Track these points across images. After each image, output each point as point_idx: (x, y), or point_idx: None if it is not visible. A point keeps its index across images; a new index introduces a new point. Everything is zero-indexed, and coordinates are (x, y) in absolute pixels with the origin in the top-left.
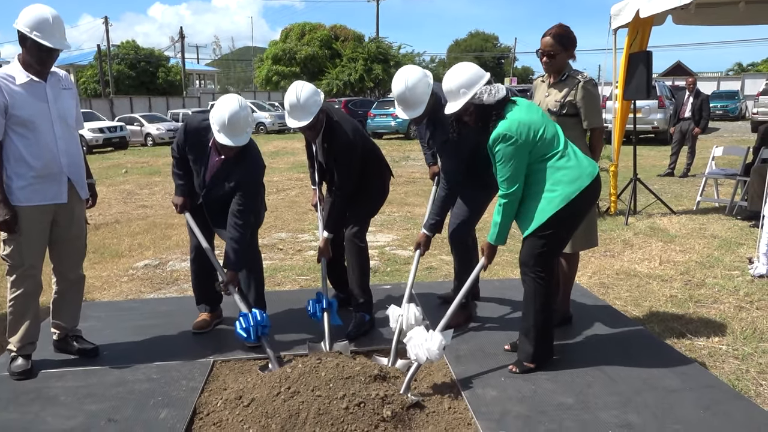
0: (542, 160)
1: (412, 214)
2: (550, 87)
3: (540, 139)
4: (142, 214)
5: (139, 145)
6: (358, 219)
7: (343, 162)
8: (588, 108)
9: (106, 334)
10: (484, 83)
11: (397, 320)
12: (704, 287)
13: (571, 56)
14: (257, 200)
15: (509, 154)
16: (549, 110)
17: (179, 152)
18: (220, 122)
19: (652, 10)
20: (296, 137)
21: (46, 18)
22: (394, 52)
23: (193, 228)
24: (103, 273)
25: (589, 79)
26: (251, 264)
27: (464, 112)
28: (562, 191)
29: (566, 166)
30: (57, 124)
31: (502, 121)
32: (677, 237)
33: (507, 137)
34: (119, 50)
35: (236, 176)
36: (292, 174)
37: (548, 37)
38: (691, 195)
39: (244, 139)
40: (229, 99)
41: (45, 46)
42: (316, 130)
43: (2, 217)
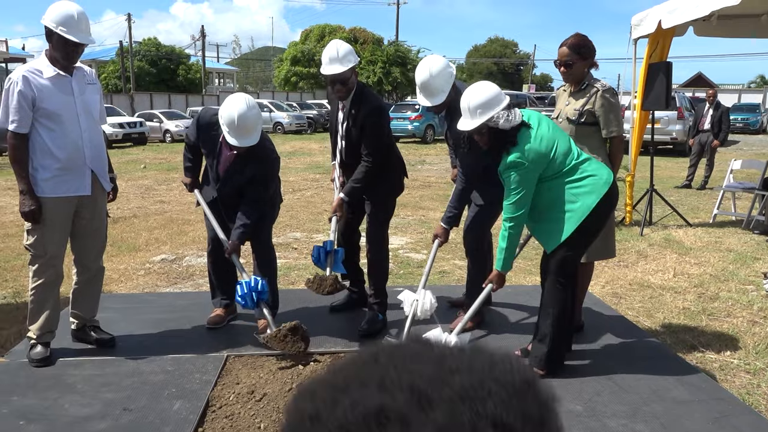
0: (557, 176)
1: (426, 218)
2: (570, 96)
3: (552, 159)
4: (160, 209)
5: (158, 141)
6: (381, 220)
7: (374, 125)
8: (607, 116)
9: (123, 326)
10: (503, 108)
11: (411, 304)
12: (718, 300)
13: (590, 65)
14: (271, 191)
15: (520, 181)
16: (568, 119)
17: (192, 141)
18: (229, 122)
19: (673, 21)
20: (313, 138)
21: (71, 14)
22: (413, 56)
23: (202, 204)
24: (120, 266)
25: (608, 88)
26: (265, 261)
27: (477, 132)
28: (582, 203)
29: (582, 177)
30: (82, 116)
31: (514, 149)
32: (692, 249)
33: (519, 164)
34: (141, 47)
35: (250, 170)
36: (308, 174)
37: (565, 47)
38: (708, 208)
39: (254, 139)
40: (236, 99)
41: (71, 41)
42: (348, 88)
43: (28, 207)
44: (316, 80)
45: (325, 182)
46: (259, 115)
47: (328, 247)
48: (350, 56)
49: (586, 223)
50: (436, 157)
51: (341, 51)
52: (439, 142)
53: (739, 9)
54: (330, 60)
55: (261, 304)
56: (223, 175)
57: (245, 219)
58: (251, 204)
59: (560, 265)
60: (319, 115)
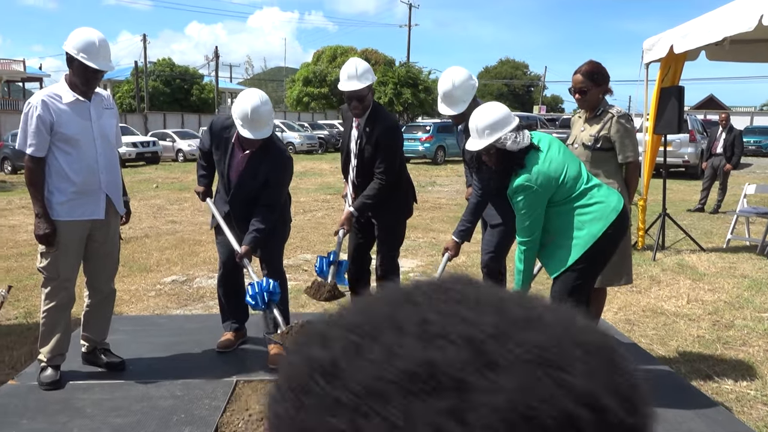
0: (565, 201)
1: (437, 240)
2: (586, 122)
3: (561, 184)
4: (171, 229)
5: (171, 160)
6: (391, 246)
7: (388, 142)
8: (622, 142)
9: (133, 349)
10: (511, 129)
11: None
12: (733, 328)
13: (604, 91)
14: (284, 196)
15: (529, 205)
16: (584, 144)
17: (205, 148)
18: (242, 116)
19: (686, 46)
20: (324, 158)
21: (92, 41)
22: (424, 77)
23: (214, 212)
24: (131, 287)
25: (623, 114)
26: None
27: (485, 152)
28: (588, 230)
29: (590, 203)
30: (98, 141)
31: (522, 172)
32: (706, 275)
33: (527, 188)
34: (155, 67)
35: (264, 171)
36: (318, 195)
37: (579, 74)
38: (721, 232)
39: (266, 132)
40: (250, 93)
41: (91, 68)
42: (364, 105)
43: (42, 230)
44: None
45: (335, 203)
46: (272, 111)
47: (332, 257)
48: (368, 74)
49: (592, 251)
50: (447, 179)
51: (360, 68)
52: (450, 163)
53: (753, 34)
54: (348, 77)
55: (271, 304)
56: (236, 180)
57: (259, 224)
58: (265, 209)
59: (571, 294)
60: (330, 135)
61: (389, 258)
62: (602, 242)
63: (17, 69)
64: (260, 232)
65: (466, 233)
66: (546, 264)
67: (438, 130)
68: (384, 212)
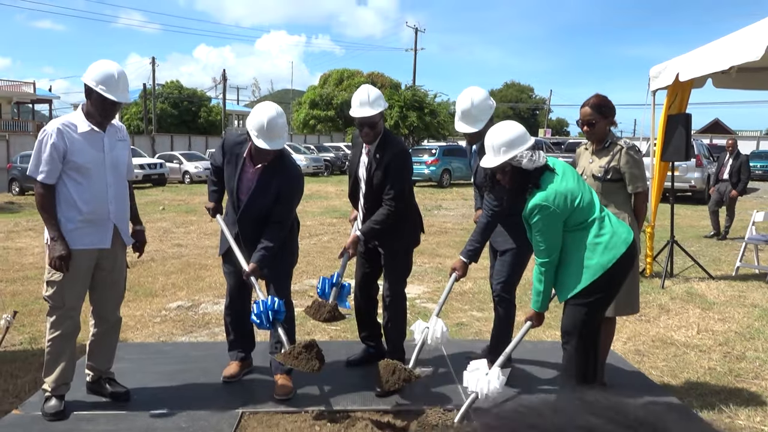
0: (578, 228)
1: (443, 265)
2: (594, 154)
3: (576, 208)
4: (177, 253)
5: (177, 182)
6: (398, 276)
7: (398, 168)
8: (632, 173)
9: (138, 377)
10: (527, 148)
11: (422, 332)
12: (744, 360)
13: (611, 123)
14: (293, 214)
15: (546, 226)
16: (594, 176)
17: (217, 163)
18: (258, 126)
19: (692, 74)
20: (330, 181)
21: (111, 74)
22: (430, 100)
23: (223, 228)
24: (136, 312)
25: (631, 145)
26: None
27: (500, 170)
28: (598, 260)
29: (602, 233)
30: (109, 172)
31: (538, 191)
32: (716, 304)
33: (544, 208)
34: (164, 89)
35: (276, 185)
36: (324, 219)
37: (587, 107)
38: (730, 259)
39: (281, 143)
40: (266, 105)
41: (109, 100)
42: (375, 132)
43: (59, 252)
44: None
45: (341, 227)
46: (286, 124)
47: (334, 279)
48: (380, 101)
49: (600, 282)
50: (453, 202)
51: (372, 95)
52: (456, 186)
53: (760, 62)
54: (360, 103)
55: (276, 323)
56: (247, 197)
57: (267, 242)
58: (274, 227)
59: (581, 327)
60: (336, 157)
61: (396, 288)
62: (611, 273)
63: (27, 91)
64: (268, 250)
65: (475, 253)
66: (556, 288)
67: (444, 154)
68: (390, 241)
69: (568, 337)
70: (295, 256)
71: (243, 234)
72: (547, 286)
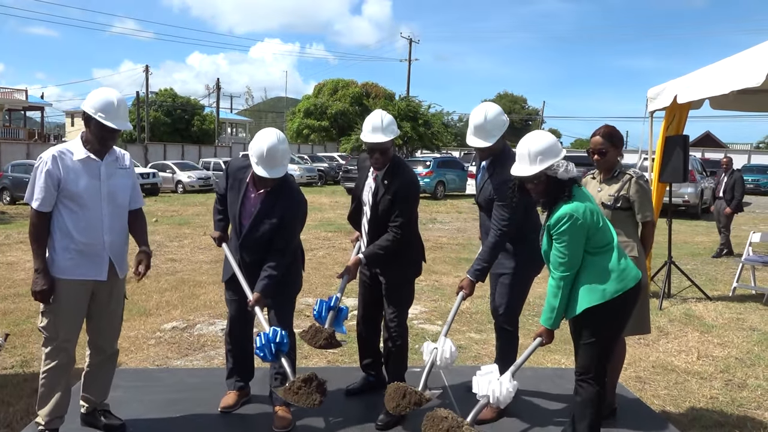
0: (596, 252)
1: (440, 283)
2: (602, 183)
3: (601, 228)
4: (171, 268)
5: (170, 191)
6: (400, 306)
7: (406, 197)
8: (641, 202)
9: (133, 407)
10: (562, 158)
11: (431, 353)
12: (746, 389)
13: (619, 153)
14: (297, 237)
15: (571, 236)
16: (603, 204)
17: (221, 191)
18: (258, 154)
19: (690, 97)
20: (324, 191)
21: (111, 101)
22: (424, 111)
23: (229, 257)
24: (131, 333)
25: (641, 175)
26: None
27: (533, 179)
28: (609, 287)
29: (615, 262)
30: (105, 201)
31: (568, 203)
32: (714, 327)
33: (573, 218)
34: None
35: (278, 211)
36: (319, 232)
37: (598, 136)
38: (726, 279)
39: (281, 171)
40: (267, 132)
41: (107, 127)
42: (387, 157)
43: (40, 287)
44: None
45: (336, 241)
46: (288, 151)
47: (332, 302)
48: (393, 127)
49: (606, 310)
50: (447, 215)
51: (385, 121)
52: (450, 198)
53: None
54: (373, 129)
55: (280, 355)
56: (249, 222)
57: (271, 270)
58: (277, 254)
59: (597, 366)
60: (330, 168)
61: (398, 318)
62: (618, 304)
63: (19, 98)
64: (272, 279)
65: (482, 273)
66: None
67: (438, 165)
68: (392, 270)
69: (584, 376)
70: (299, 284)
71: (245, 259)
72: (562, 303)
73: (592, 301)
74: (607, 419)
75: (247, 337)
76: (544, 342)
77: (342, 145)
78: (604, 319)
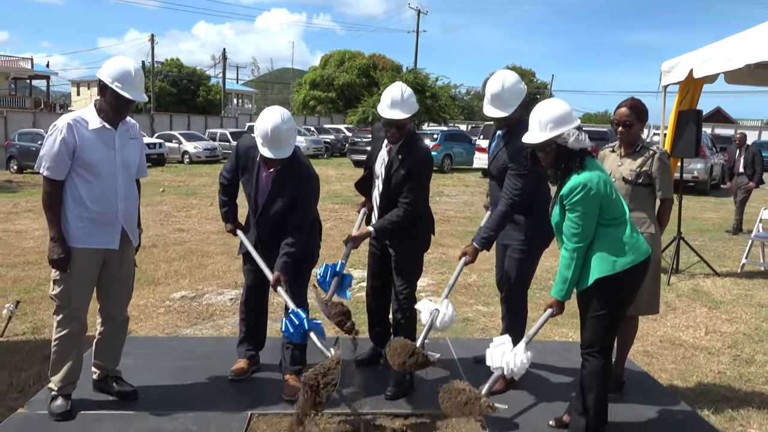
0: (608, 224)
1: (447, 256)
2: (623, 157)
3: (614, 200)
4: (179, 238)
5: (176, 162)
6: (409, 279)
7: (420, 172)
8: (663, 179)
9: (144, 375)
10: (574, 127)
11: (431, 314)
12: (753, 365)
13: (643, 127)
14: (312, 212)
15: (585, 206)
16: (624, 179)
17: (229, 178)
18: (263, 134)
19: (705, 71)
20: (330, 163)
21: (128, 71)
22: (431, 83)
23: (245, 242)
24: (140, 302)
25: (663, 151)
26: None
27: (544, 147)
28: (620, 258)
29: (627, 234)
30: (120, 171)
31: (580, 173)
32: (722, 303)
33: (587, 188)
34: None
35: (290, 189)
36: (326, 204)
37: (624, 107)
38: (735, 255)
39: (286, 152)
40: (271, 112)
41: (123, 97)
42: (403, 132)
43: (57, 255)
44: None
45: (343, 213)
46: (294, 129)
47: (337, 267)
48: (413, 101)
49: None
50: (454, 188)
51: (406, 94)
52: (457, 171)
53: None
54: (392, 103)
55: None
56: (264, 201)
57: (288, 248)
58: (293, 231)
59: (604, 339)
60: (336, 140)
61: (407, 290)
62: (627, 277)
63: (25, 66)
64: (290, 256)
65: (488, 242)
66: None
67: (445, 139)
68: (402, 243)
69: (591, 349)
70: (315, 260)
71: (262, 237)
72: (575, 274)
73: (603, 272)
74: (615, 393)
75: (263, 307)
76: (554, 313)
77: (348, 117)
78: (613, 291)
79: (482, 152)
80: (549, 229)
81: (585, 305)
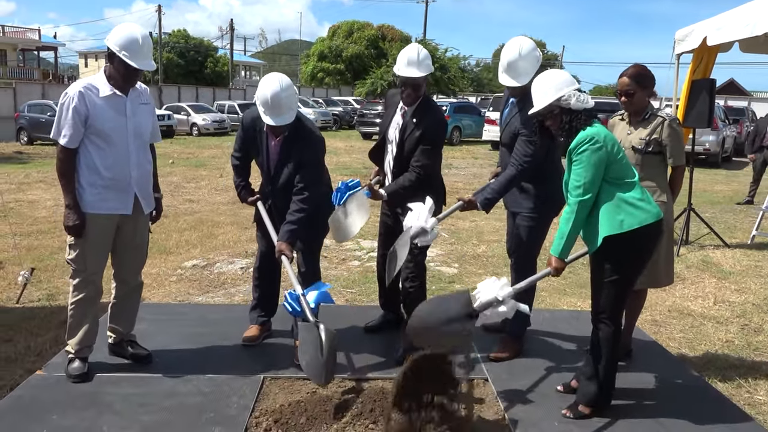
0: (616, 183)
1: (456, 227)
2: (631, 125)
3: (621, 158)
4: (189, 209)
5: (185, 134)
6: (420, 247)
7: (433, 137)
8: (674, 146)
9: (158, 339)
10: (574, 89)
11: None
12: (762, 334)
13: (650, 95)
14: (320, 174)
15: (592, 159)
16: (633, 147)
17: (240, 157)
18: (263, 102)
19: (720, 39)
20: (338, 135)
21: (136, 39)
22: (440, 55)
23: (262, 212)
24: (152, 270)
25: (674, 118)
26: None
27: (548, 113)
28: (626, 218)
29: (636, 196)
30: (132, 138)
31: (587, 129)
32: (732, 274)
33: (593, 141)
34: (170, 39)
35: (296, 155)
36: (334, 176)
37: (625, 77)
38: (745, 227)
39: (287, 118)
40: (270, 79)
41: (131, 66)
42: (418, 93)
43: (72, 221)
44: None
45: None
46: (294, 95)
47: (351, 183)
48: (429, 62)
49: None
50: (463, 161)
51: (422, 54)
52: (466, 144)
53: None
54: (408, 62)
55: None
56: (275, 167)
57: (292, 216)
58: (299, 195)
59: (614, 306)
60: (345, 112)
61: (417, 258)
62: (637, 238)
63: (32, 38)
64: (296, 223)
65: (490, 204)
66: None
67: (454, 111)
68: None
69: (601, 315)
70: (327, 229)
71: (277, 205)
72: (573, 230)
73: (611, 230)
74: (623, 360)
75: (277, 274)
76: (551, 273)
77: (357, 88)
78: (625, 254)
79: (492, 124)
80: (559, 197)
81: (597, 270)
